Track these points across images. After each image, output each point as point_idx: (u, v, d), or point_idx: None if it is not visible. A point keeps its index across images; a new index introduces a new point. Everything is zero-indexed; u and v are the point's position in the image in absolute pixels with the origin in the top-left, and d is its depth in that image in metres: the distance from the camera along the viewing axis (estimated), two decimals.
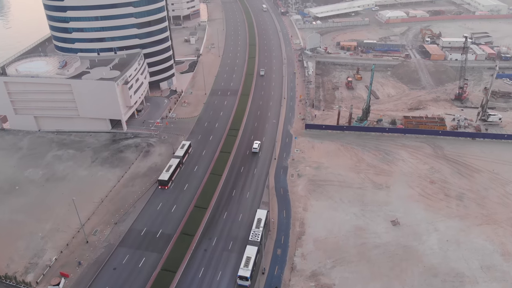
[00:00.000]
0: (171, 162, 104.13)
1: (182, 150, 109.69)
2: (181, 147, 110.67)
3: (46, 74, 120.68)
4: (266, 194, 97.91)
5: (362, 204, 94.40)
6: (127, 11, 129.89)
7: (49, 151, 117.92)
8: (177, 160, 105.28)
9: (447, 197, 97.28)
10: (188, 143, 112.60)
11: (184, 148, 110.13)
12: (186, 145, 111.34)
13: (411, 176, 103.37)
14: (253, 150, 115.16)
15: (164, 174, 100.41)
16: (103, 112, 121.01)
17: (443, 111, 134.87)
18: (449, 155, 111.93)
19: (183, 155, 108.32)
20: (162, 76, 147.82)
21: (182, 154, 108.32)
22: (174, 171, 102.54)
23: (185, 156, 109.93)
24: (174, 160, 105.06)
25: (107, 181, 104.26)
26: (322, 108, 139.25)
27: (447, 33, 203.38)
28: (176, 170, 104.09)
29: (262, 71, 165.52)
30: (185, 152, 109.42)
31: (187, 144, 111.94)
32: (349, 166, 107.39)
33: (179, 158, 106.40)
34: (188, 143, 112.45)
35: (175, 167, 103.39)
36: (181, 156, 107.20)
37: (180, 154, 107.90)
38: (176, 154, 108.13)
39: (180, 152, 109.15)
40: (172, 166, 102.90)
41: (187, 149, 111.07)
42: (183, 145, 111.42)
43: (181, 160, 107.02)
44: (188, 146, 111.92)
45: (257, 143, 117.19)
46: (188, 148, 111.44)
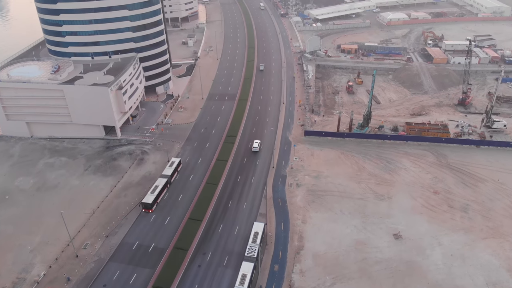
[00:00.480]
0: (158, 183, 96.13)
1: (171, 168, 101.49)
2: (170, 165, 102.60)
3: (38, 79, 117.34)
4: (264, 205, 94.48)
5: (363, 216, 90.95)
6: (121, 14, 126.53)
7: (41, 158, 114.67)
8: (164, 180, 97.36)
9: (451, 208, 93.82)
10: (178, 160, 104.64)
11: (173, 166, 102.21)
12: (175, 162, 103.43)
13: (414, 186, 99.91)
14: (253, 149, 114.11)
15: (149, 197, 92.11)
16: (97, 118, 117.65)
17: (446, 117, 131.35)
18: (453, 164, 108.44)
19: (171, 174, 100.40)
20: (158, 80, 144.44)
21: (171, 173, 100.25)
22: (160, 192, 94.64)
23: (174, 174, 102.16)
24: (161, 180, 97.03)
25: (99, 191, 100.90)
26: (322, 114, 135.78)
27: (450, 36, 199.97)
28: (163, 191, 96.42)
29: (262, 66, 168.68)
30: (174, 170, 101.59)
31: (176, 161, 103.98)
32: (350, 175, 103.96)
33: (167, 177, 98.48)
34: (177, 160, 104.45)
35: (162, 188, 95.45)
36: (169, 176, 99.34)
37: (168, 173, 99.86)
38: (163, 173, 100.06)
39: (168, 170, 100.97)
40: (158, 187, 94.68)
41: (177, 167, 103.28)
42: (172, 162, 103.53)
43: (169, 180, 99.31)
44: (178, 163, 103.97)
45: (257, 142, 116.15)
46: (177, 165, 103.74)
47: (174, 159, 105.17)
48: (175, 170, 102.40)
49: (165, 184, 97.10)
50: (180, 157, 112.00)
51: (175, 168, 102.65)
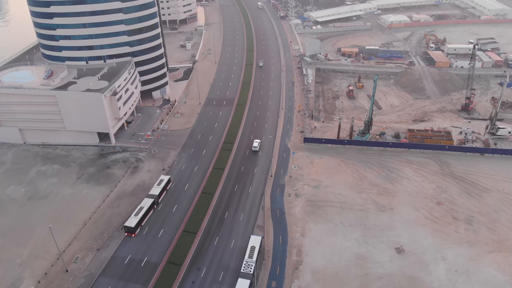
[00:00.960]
0: (143, 203, 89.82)
1: (159, 187, 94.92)
2: (158, 184, 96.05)
3: (30, 85, 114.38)
4: (261, 216, 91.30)
5: (364, 228, 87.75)
6: (116, 18, 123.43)
7: (34, 165, 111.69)
8: (151, 200, 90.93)
9: (455, 220, 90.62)
10: (167, 178, 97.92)
11: (162, 184, 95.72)
12: (164, 180, 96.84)
13: (417, 197, 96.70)
14: (253, 148, 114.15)
15: (132, 220, 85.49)
16: (90, 125, 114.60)
17: (449, 123, 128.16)
18: (457, 173, 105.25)
19: (159, 194, 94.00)
20: (155, 85, 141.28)
21: (158, 192, 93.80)
22: (145, 214, 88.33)
23: (163, 193, 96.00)
24: (147, 201, 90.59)
25: (91, 201, 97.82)
26: (322, 120, 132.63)
27: (452, 38, 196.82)
28: (149, 212, 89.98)
29: (261, 63, 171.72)
30: (162, 189, 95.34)
31: (165, 179, 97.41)
32: (350, 184, 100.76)
33: (154, 198, 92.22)
34: (167, 178, 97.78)
35: (147, 210, 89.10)
36: (157, 196, 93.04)
37: (155, 193, 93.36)
38: (150, 193, 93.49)
39: (155, 190, 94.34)
40: (143, 208, 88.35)
41: (165, 185, 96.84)
42: (161, 181, 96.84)
43: (156, 200, 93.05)
44: (167, 181, 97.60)
45: (257, 141, 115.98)
46: (167, 183, 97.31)
47: (163, 177, 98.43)
48: (163, 189, 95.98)
49: (151, 205, 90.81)
50: (176, 164, 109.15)
51: (164, 187, 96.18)
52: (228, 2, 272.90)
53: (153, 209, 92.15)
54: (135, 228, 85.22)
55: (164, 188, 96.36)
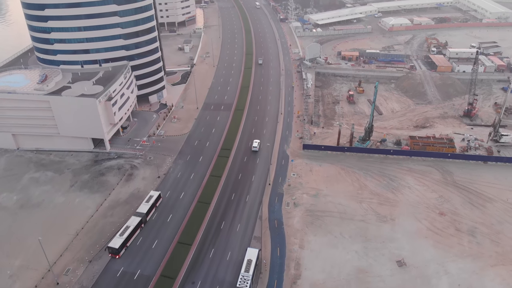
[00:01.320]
0: (130, 222, 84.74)
1: (147, 204, 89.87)
2: (147, 200, 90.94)
3: (23, 89, 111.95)
4: (259, 226, 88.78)
5: (365, 240, 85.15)
6: (112, 21, 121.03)
7: (27, 172, 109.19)
8: (138, 219, 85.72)
9: (458, 232, 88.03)
10: (157, 194, 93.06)
11: (151, 201, 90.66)
12: (154, 196, 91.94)
13: (418, 207, 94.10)
14: (253, 149, 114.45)
15: (116, 240, 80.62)
16: (84, 130, 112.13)
17: (451, 129, 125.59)
18: (459, 182, 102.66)
19: (147, 212, 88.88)
20: (151, 89, 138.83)
21: (146, 210, 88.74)
22: (131, 234, 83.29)
23: (151, 211, 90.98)
24: (134, 220, 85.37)
25: (85, 209, 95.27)
26: (322, 125, 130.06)
27: (453, 42, 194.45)
28: (135, 232, 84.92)
29: (260, 60, 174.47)
30: (151, 206, 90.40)
31: (155, 195, 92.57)
32: (351, 193, 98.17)
33: (141, 216, 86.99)
34: (157, 194, 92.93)
35: (134, 229, 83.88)
36: (144, 214, 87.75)
37: (143, 211, 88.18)
38: (138, 211, 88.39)
39: (144, 207, 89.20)
40: (129, 228, 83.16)
41: (155, 202, 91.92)
42: (150, 197, 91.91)
43: (144, 218, 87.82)
44: (157, 197, 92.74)
45: (257, 141, 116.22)
46: (156, 200, 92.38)
47: (152, 193, 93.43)
48: (152, 206, 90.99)
49: (138, 224, 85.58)
50: (172, 172, 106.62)
51: (153, 204, 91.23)
52: (228, 4, 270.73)
53: (140, 228, 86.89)
54: (119, 249, 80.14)
55: (153, 205, 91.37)
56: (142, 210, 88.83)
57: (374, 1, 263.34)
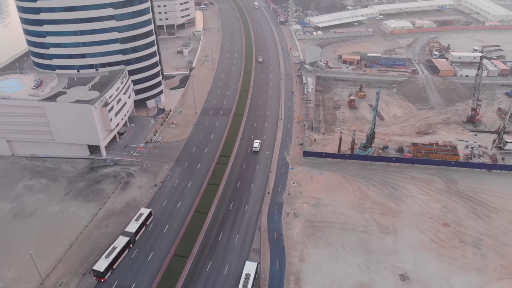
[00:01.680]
0: (117, 243, 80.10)
1: (136, 223, 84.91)
2: (137, 219, 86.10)
3: (18, 95, 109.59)
4: (258, 238, 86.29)
5: (367, 252, 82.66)
6: (109, 25, 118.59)
7: (21, 179, 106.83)
8: (126, 239, 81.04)
9: (462, 244, 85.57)
10: (148, 212, 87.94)
11: (141, 219, 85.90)
12: (144, 215, 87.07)
13: (422, 217, 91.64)
14: (254, 149, 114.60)
15: (101, 263, 75.90)
16: (80, 137, 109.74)
17: (454, 136, 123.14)
18: (463, 191, 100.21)
19: (136, 231, 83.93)
20: (149, 94, 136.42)
21: (135, 229, 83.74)
22: (117, 256, 78.50)
23: (141, 230, 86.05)
24: (122, 240, 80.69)
25: (79, 219, 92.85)
26: (322, 131, 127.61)
27: (456, 45, 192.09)
28: (122, 253, 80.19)
29: (261, 58, 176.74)
30: (141, 225, 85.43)
31: (146, 213, 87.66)
32: (352, 203, 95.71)
33: (130, 236, 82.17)
34: (147, 212, 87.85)
35: (121, 250, 79.16)
36: (133, 234, 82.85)
37: (131, 230, 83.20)
38: (126, 230, 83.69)
39: (133, 226, 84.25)
40: (116, 249, 78.50)
41: (145, 220, 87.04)
42: (140, 215, 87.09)
43: (133, 238, 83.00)
44: (148, 215, 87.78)
45: (258, 142, 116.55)
46: (146, 218, 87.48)
47: (143, 210, 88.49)
48: (142, 224, 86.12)
49: (126, 244, 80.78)
50: (169, 180, 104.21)
51: (143, 222, 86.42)
52: (228, 6, 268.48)
53: (128, 249, 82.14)
54: (105, 272, 75.66)
55: (143, 223, 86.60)
56: (130, 230, 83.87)
57: (375, 4, 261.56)
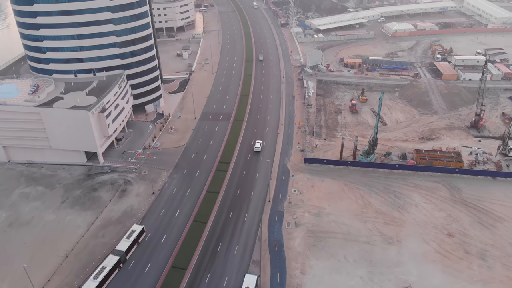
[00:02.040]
0: (106, 262, 76.16)
1: (128, 241, 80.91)
2: (128, 236, 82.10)
3: (14, 100, 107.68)
4: (258, 249, 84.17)
5: (370, 264, 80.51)
6: (106, 29, 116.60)
7: (17, 187, 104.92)
8: (116, 259, 77.04)
9: (468, 255, 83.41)
10: (140, 229, 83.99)
11: (132, 237, 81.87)
12: (136, 232, 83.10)
13: (426, 227, 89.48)
14: (255, 149, 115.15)
15: (89, 284, 72.27)
16: (77, 143, 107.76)
17: (458, 142, 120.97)
18: (468, 199, 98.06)
19: (127, 249, 79.90)
20: (148, 98, 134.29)
21: (126, 248, 79.71)
22: (107, 276, 74.82)
23: (133, 248, 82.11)
24: (111, 259, 76.74)
25: (75, 228, 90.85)
26: (323, 137, 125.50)
27: (458, 48, 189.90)
28: (112, 273, 76.51)
29: (261, 56, 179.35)
30: (132, 242, 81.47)
31: (138, 230, 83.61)
32: (355, 212, 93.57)
33: (120, 255, 78.12)
34: (139, 229, 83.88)
35: (110, 271, 75.42)
36: (123, 253, 78.82)
37: (122, 249, 79.16)
38: (117, 248, 79.55)
39: (123, 245, 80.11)
40: (105, 269, 74.69)
41: (137, 238, 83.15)
42: (132, 232, 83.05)
43: (123, 257, 79.02)
44: (140, 232, 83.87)
45: (259, 142, 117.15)
46: (138, 236, 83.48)
47: (135, 227, 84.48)
48: (134, 242, 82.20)
49: (116, 264, 76.93)
50: (167, 187, 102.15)
51: (135, 240, 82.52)
52: (228, 8, 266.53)
53: (118, 269, 78.22)
54: None
55: (135, 241, 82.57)
56: (121, 248, 79.76)
57: (377, 6, 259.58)
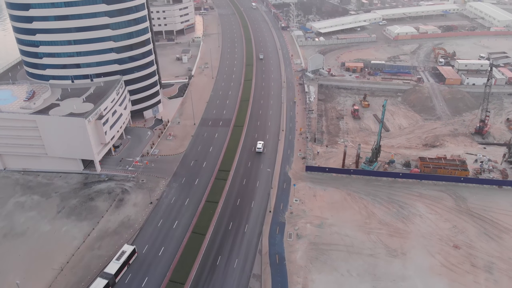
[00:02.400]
0: (95, 286, 72.85)
1: (118, 263, 76.98)
2: (118, 258, 77.95)
3: (9, 107, 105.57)
4: (258, 262, 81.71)
5: (374, 278, 78.08)
6: (104, 34, 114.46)
7: (12, 196, 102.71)
8: (104, 282, 73.30)
9: (474, 268, 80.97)
10: (131, 249, 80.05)
11: (122, 258, 77.89)
12: (126, 252, 79.03)
13: (431, 239, 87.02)
14: (257, 150, 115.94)
15: None
16: (73, 151, 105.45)
17: (463, 149, 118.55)
18: (474, 209, 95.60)
19: (117, 271, 76.09)
20: (146, 104, 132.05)
21: (116, 270, 75.92)
22: None
23: (123, 270, 78.10)
24: (99, 283, 72.95)
25: (71, 240, 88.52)
26: (325, 143, 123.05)
27: (461, 52, 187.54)
28: None
29: (261, 55, 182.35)
30: (122, 264, 77.59)
31: (128, 250, 79.61)
32: (358, 223, 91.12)
33: (109, 278, 74.25)
34: (130, 249, 79.94)
35: None
36: (112, 276, 74.97)
37: (111, 272, 75.31)
38: (105, 271, 75.81)
39: (113, 267, 76.19)
40: None
41: (128, 259, 79.19)
42: (122, 253, 78.91)
43: (112, 280, 75.10)
44: (131, 253, 79.93)
45: (261, 143, 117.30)
46: (129, 257, 79.48)
47: (126, 248, 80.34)
48: (124, 264, 78.18)
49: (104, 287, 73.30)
50: (165, 197, 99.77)
51: (125, 261, 78.42)
52: (228, 11, 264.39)
53: None
54: None
55: (125, 263, 78.52)
56: (110, 271, 75.66)
57: (378, 8, 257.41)
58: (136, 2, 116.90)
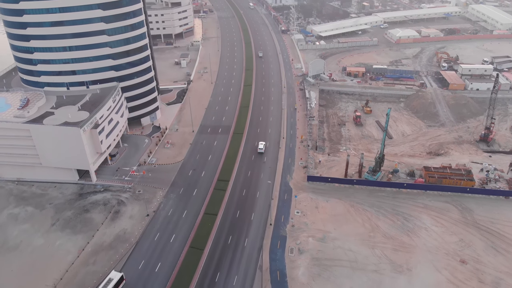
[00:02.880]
0: None
1: None
2: (104, 286, 73.64)
3: (2, 116, 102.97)
4: (259, 279, 78.80)
5: None
6: (100, 40, 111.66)
7: (5, 207, 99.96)
8: None
9: (482, 284, 78.16)
10: (119, 277, 75.36)
11: (109, 287, 73.62)
12: (113, 280, 74.47)
13: (437, 253, 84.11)
14: (259, 150, 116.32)
15: None
16: (68, 161, 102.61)
17: (468, 158, 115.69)
18: (480, 221, 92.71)
19: None
20: (144, 111, 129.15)
21: None
22: None
23: None
24: None
25: (65, 254, 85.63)
26: (327, 151, 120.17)
27: (464, 56, 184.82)
28: None
29: (261, 53, 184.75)
30: None
31: (116, 278, 74.97)
32: (362, 237, 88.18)
33: None
34: (118, 277, 75.24)
35: None
36: None
37: None
38: None
39: None
40: None
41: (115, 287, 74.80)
42: (109, 281, 74.37)
43: None
44: (118, 280, 75.20)
45: (263, 143, 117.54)
46: (116, 284, 74.77)
47: (113, 275, 75.63)
48: None
49: None
50: (162, 208, 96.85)
51: None
52: (227, 14, 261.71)
53: None
54: None
55: None
56: None
57: (380, 11, 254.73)
58: (133, 7, 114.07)
